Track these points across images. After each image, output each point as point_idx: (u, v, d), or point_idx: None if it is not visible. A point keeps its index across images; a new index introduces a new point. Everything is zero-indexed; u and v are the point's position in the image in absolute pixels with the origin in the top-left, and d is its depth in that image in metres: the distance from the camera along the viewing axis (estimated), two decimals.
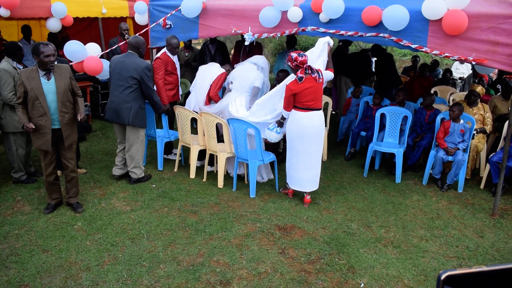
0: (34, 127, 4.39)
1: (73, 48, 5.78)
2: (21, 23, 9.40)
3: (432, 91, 8.18)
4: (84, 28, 9.88)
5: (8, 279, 3.70)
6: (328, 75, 5.13)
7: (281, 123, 5.18)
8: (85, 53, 5.88)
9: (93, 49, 6.15)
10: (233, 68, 6.92)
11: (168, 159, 6.56)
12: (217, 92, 5.91)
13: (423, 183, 5.89)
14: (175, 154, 6.56)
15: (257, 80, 5.67)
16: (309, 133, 4.99)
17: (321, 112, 5.04)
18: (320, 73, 4.94)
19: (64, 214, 4.83)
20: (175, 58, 6.21)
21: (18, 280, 3.69)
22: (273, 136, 5.19)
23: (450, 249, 4.33)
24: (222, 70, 5.98)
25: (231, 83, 5.82)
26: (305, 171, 5.13)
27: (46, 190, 4.89)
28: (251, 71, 5.70)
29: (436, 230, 4.69)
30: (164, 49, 6.14)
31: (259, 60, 5.89)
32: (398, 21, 5.07)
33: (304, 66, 4.86)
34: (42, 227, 4.55)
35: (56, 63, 4.50)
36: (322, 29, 5.61)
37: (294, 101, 4.93)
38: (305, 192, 5.24)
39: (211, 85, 5.86)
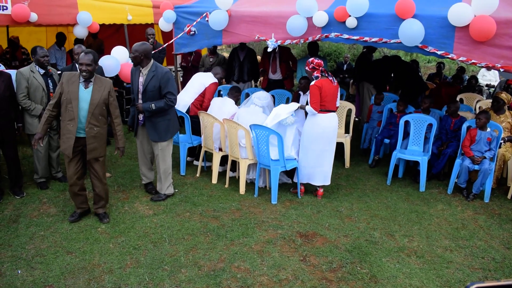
0: (39, 140, 4.45)
1: (108, 63, 5.91)
2: (49, 29, 9.67)
3: (458, 98, 8.05)
4: (111, 34, 10.09)
5: (33, 279, 3.77)
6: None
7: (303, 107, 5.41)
8: (118, 67, 5.99)
9: (121, 54, 6.26)
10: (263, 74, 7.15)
11: (191, 164, 6.62)
12: None
13: (448, 192, 5.78)
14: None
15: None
16: (327, 133, 5.32)
17: (336, 114, 5.39)
18: (334, 78, 5.30)
19: (88, 217, 4.90)
20: None
21: (43, 280, 3.76)
22: (289, 120, 5.39)
23: (476, 260, 4.23)
24: (235, 109, 5.97)
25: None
26: (318, 167, 5.43)
27: (71, 199, 4.88)
28: (257, 115, 5.67)
29: (461, 240, 4.59)
30: (215, 78, 6.28)
31: (261, 97, 5.85)
32: (412, 37, 5.07)
33: (320, 68, 5.18)
34: (67, 229, 4.64)
35: (94, 75, 4.46)
36: (345, 35, 5.61)
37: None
38: (317, 187, 5.55)
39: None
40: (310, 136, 5.32)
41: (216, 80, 6.29)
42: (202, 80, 6.30)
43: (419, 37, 5.10)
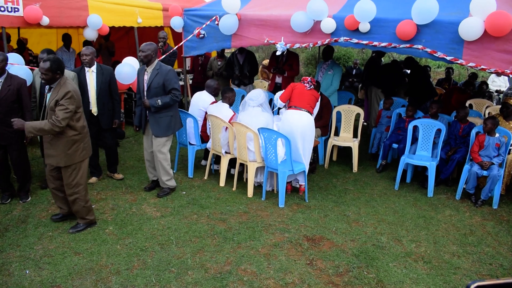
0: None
1: (125, 71, 5.92)
2: (60, 31, 9.75)
3: (467, 104, 8.01)
4: (121, 36, 10.16)
5: (41, 279, 3.80)
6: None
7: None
8: (134, 76, 6.00)
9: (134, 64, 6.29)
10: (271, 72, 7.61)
11: (201, 166, 6.64)
12: None
13: (456, 198, 5.75)
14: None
15: (269, 123, 5.63)
16: (295, 130, 5.45)
17: (307, 113, 5.54)
18: (311, 85, 5.74)
19: (96, 218, 4.94)
20: None
21: (50, 281, 3.79)
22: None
23: (483, 266, 4.20)
24: (231, 113, 5.97)
25: None
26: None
27: None
28: (259, 116, 5.65)
29: (469, 246, 4.56)
30: (211, 96, 6.34)
31: (253, 97, 5.79)
32: (426, 13, 5.03)
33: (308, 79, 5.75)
34: None
35: (58, 82, 4.29)
36: (355, 40, 5.60)
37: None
38: (298, 183, 5.82)
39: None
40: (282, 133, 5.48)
41: (213, 99, 6.31)
42: (200, 105, 6.25)
43: (433, 13, 5.02)
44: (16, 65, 5.60)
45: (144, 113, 5.43)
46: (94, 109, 5.66)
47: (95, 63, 5.63)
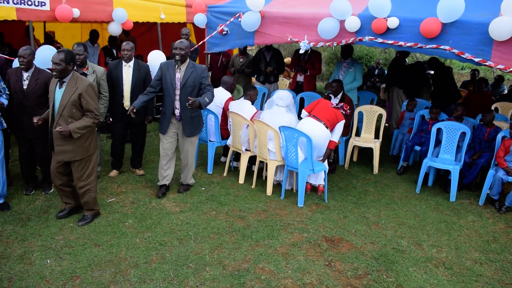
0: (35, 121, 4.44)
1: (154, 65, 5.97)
2: (84, 26, 9.88)
3: (493, 107, 7.84)
4: (144, 32, 10.21)
5: (61, 269, 3.85)
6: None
7: None
8: None
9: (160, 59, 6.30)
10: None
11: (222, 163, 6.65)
12: None
13: (479, 204, 5.63)
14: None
15: (292, 123, 5.57)
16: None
17: (322, 125, 5.42)
18: (340, 107, 5.68)
19: (115, 211, 4.99)
20: None
21: (70, 271, 3.83)
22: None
23: (506, 275, 4.10)
24: (253, 110, 5.95)
25: None
26: None
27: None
28: (282, 116, 5.63)
29: (491, 253, 4.46)
30: (227, 91, 6.30)
31: (283, 97, 5.77)
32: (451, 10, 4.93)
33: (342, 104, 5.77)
34: (95, 222, 4.71)
35: (71, 75, 4.28)
36: (380, 40, 5.53)
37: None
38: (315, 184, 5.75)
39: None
40: None
41: (229, 94, 6.28)
42: (217, 102, 6.14)
43: (459, 10, 4.92)
44: None
45: (173, 111, 5.24)
46: (126, 103, 5.71)
47: (133, 58, 5.69)
